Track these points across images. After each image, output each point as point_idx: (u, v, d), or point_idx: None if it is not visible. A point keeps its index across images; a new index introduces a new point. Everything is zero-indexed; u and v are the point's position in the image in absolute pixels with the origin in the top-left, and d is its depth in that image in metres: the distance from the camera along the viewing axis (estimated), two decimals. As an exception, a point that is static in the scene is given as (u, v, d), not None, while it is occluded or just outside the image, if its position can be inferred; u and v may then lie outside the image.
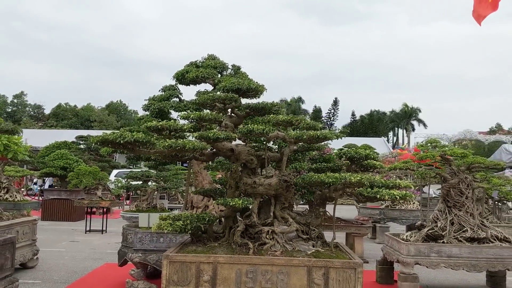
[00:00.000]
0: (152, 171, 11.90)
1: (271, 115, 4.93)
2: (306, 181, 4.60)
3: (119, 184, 15.38)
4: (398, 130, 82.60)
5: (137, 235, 7.93)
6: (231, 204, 4.55)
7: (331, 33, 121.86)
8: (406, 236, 8.45)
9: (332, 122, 78.18)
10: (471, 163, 8.33)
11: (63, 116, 71.21)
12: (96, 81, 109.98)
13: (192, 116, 4.84)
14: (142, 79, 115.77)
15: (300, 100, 74.70)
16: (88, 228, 14.93)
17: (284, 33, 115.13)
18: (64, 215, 17.27)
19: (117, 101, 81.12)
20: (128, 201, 20.37)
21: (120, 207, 18.37)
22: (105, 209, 15.14)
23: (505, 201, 11.39)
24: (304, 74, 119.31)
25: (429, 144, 8.71)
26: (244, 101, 5.82)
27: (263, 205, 5.00)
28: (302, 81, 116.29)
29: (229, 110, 5.32)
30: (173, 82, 8.70)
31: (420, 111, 78.15)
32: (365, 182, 4.41)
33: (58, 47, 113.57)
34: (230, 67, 8.53)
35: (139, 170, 13.50)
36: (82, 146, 21.62)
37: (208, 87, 8.77)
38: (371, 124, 77.53)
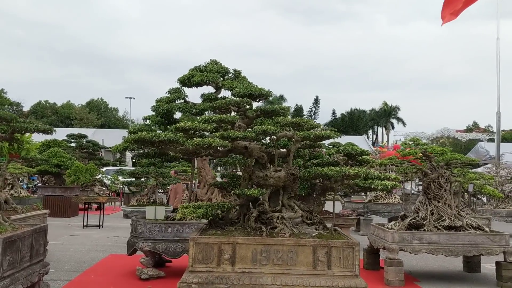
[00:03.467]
0: (152, 168, 12.55)
1: (281, 117, 5.69)
2: (311, 173, 5.38)
3: (117, 181, 16.05)
4: (377, 128, 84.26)
5: (147, 225, 8.63)
6: (248, 193, 5.31)
7: (312, 32, 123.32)
8: (391, 225, 9.34)
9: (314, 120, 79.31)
10: (450, 160, 9.24)
11: (43, 114, 70.73)
12: (76, 79, 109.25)
13: (214, 118, 5.57)
14: (123, 77, 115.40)
15: (282, 98, 75.61)
16: (85, 223, 15.50)
17: (265, 32, 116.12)
18: (59, 211, 17.76)
19: (97, 99, 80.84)
20: (118, 198, 20.93)
21: (113, 203, 18.92)
22: (102, 205, 15.71)
23: (479, 195, 12.37)
24: (286, 73, 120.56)
25: (411, 142, 9.59)
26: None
27: (272, 195, 5.76)
28: (283, 79, 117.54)
29: (241, 112, 6.06)
30: (177, 84, 9.41)
31: (399, 109, 79.77)
32: (362, 174, 5.20)
33: (37, 44, 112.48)
34: (232, 71, 9.26)
35: (134, 168, 14.13)
36: (73, 144, 22.05)
37: (210, 89, 9.52)
38: (352, 122, 78.98)
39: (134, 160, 41.35)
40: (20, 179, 29.53)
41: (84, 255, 10.79)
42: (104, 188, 17.87)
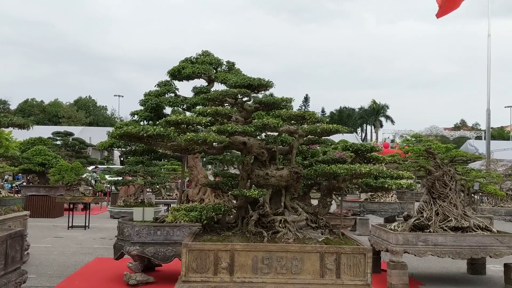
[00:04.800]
0: (140, 166, 11.97)
1: (284, 110, 5.17)
2: (318, 172, 4.87)
3: (103, 180, 15.41)
4: (366, 126, 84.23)
5: (134, 228, 8.06)
6: (247, 194, 4.78)
7: (301, 31, 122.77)
8: (394, 226, 8.86)
9: (303, 118, 78.82)
10: (455, 157, 8.79)
11: (30, 112, 69.53)
12: (63, 77, 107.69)
13: (209, 110, 5.02)
14: (111, 75, 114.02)
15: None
16: (70, 224, 14.85)
17: (253, 30, 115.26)
18: (43, 212, 17.06)
19: (85, 97, 79.70)
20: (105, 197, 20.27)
21: (99, 203, 18.26)
22: (88, 205, 15.07)
23: (481, 194, 11.97)
24: (275, 71, 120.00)
25: (413, 139, 9.12)
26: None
27: (273, 195, 5.23)
28: (272, 77, 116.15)
29: (238, 105, 5.52)
30: (167, 78, 8.84)
31: (388, 107, 79.86)
32: (374, 173, 4.70)
33: (24, 42, 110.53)
34: (225, 63, 8.71)
35: (121, 166, 13.52)
36: (58, 142, 21.31)
37: (201, 82, 8.96)
38: (341, 120, 78.75)
39: (122, 159, 40.67)
40: (5, 178, 28.79)
41: (68, 258, 10.18)
42: (90, 188, 17.20)
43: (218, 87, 8.72)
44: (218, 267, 4.72)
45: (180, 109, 8.40)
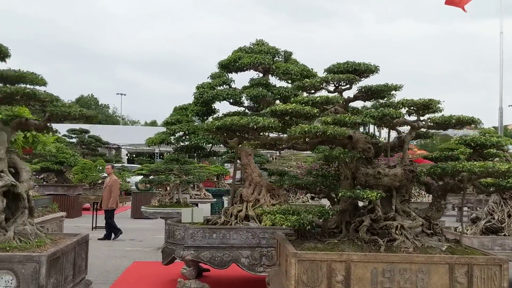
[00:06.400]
0: (174, 164, 11.32)
1: (404, 98, 4.53)
2: (448, 170, 4.23)
3: (128, 179, 14.71)
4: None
5: (188, 231, 7.42)
6: (365, 196, 4.14)
7: (300, 30, 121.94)
8: (458, 229, 8.23)
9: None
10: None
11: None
12: (63, 75, 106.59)
13: (318, 99, 4.38)
14: (109, 74, 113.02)
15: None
16: (94, 225, 14.19)
17: (253, 29, 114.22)
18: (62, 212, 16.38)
19: (88, 95, 78.90)
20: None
21: (123, 203, 17.56)
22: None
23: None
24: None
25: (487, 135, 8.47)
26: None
27: (381, 198, 4.59)
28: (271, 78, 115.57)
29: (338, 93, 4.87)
30: (217, 70, 8.19)
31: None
32: (512, 171, 4.06)
33: (22, 40, 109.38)
34: (282, 53, 8.07)
35: (155, 164, 12.87)
36: (73, 140, 20.61)
37: (251, 74, 8.31)
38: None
39: (128, 157, 39.99)
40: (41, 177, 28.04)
41: (105, 262, 9.54)
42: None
43: (271, 79, 8.10)
44: (332, 280, 4.07)
45: (235, 102, 7.73)
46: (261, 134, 4.21)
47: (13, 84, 4.56)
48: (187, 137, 7.74)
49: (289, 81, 8.16)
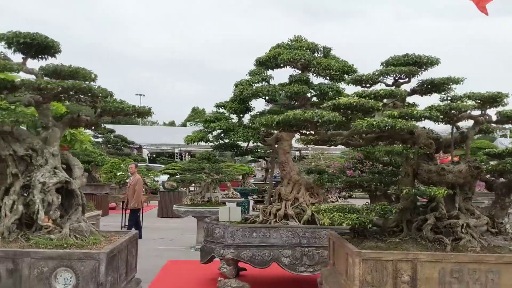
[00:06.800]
0: (206, 162, 11.26)
1: (470, 91, 4.35)
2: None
3: (157, 178, 14.73)
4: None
5: (228, 229, 7.33)
6: (432, 194, 3.99)
7: (317, 29, 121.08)
8: None
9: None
10: None
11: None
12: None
13: (382, 92, 4.24)
14: (129, 75, 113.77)
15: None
16: (123, 224, 14.21)
17: (270, 29, 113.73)
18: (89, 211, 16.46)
19: (107, 95, 79.46)
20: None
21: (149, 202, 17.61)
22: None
23: None
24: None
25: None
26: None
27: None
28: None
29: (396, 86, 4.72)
30: (254, 67, 8.09)
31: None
32: None
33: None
34: (321, 49, 7.92)
35: (188, 163, 12.82)
36: (99, 140, 20.71)
37: (287, 72, 8.18)
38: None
39: (149, 157, 40.15)
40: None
41: (140, 261, 9.46)
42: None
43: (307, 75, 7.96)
44: (397, 280, 3.93)
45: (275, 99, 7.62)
46: (319, 129, 4.07)
47: (65, 79, 4.50)
48: (225, 135, 7.65)
49: (327, 78, 8.04)
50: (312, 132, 4.34)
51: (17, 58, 4.87)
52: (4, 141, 4.29)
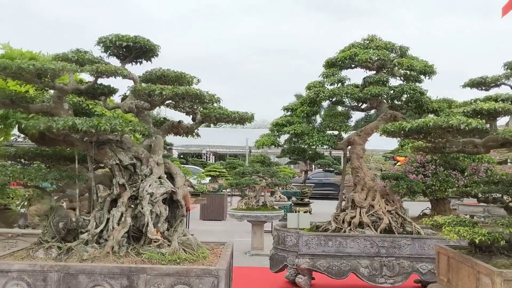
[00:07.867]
0: (259, 165, 11.01)
1: None
2: None
3: (203, 181, 14.50)
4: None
5: (302, 237, 7.07)
6: None
7: (341, 29, 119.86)
8: None
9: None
10: None
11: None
12: (108, 80, 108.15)
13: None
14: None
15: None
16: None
17: (295, 29, 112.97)
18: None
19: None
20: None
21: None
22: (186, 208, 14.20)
23: None
24: (317, 71, 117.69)
25: None
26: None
27: None
28: (315, 77, 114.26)
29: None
30: (323, 69, 7.81)
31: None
32: None
33: (66, 44, 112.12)
34: (398, 48, 7.60)
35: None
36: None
37: (358, 73, 7.89)
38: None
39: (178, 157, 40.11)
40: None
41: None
42: (191, 189, 16.36)
43: (382, 75, 7.63)
44: (543, 303, 3.61)
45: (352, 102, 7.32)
46: (455, 136, 3.77)
47: (169, 84, 4.28)
48: (299, 139, 7.38)
49: (401, 78, 7.73)
50: (434, 139, 4.03)
51: (112, 62, 4.67)
52: (110, 150, 4.08)
